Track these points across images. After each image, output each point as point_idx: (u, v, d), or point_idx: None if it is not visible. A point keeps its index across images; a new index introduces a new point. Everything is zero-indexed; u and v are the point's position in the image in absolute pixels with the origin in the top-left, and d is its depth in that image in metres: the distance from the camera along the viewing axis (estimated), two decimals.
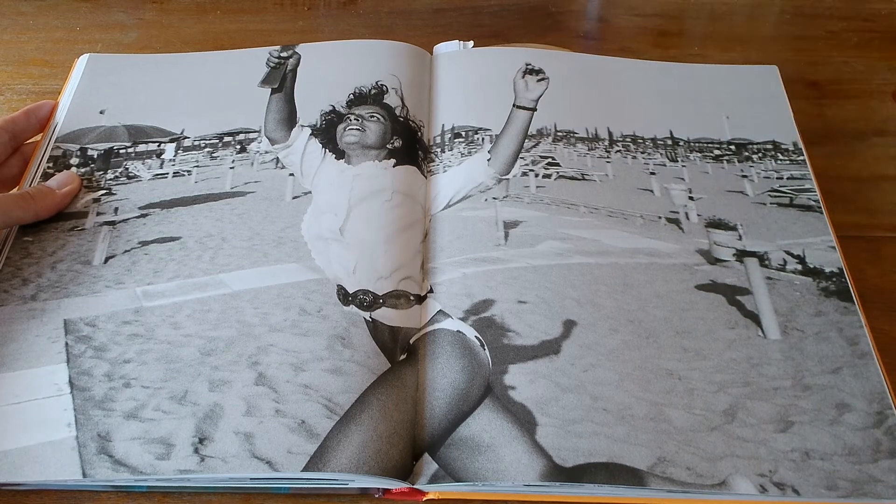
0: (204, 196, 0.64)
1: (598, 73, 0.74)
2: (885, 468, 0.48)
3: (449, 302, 0.56)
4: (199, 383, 0.50)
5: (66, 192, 0.62)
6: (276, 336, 0.53)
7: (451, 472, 0.47)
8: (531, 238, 0.60)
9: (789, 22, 0.87)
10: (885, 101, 0.77)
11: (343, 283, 0.56)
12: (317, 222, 0.60)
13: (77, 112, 0.70)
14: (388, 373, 0.52)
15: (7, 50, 0.81)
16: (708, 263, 0.59)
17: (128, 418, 0.49)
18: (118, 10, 0.86)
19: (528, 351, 0.53)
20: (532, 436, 0.49)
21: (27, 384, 0.50)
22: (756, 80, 0.74)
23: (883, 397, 0.51)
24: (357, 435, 0.48)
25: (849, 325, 0.55)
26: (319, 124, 0.67)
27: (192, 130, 0.68)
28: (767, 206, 0.64)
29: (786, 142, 0.68)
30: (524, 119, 0.68)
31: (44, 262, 0.58)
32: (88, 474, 0.46)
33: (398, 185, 0.62)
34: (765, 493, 0.46)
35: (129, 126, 0.69)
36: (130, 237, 0.60)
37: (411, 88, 0.70)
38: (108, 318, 0.54)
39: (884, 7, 0.88)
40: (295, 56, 0.72)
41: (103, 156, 0.67)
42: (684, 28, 0.87)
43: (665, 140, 0.69)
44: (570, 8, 0.89)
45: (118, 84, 0.72)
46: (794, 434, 0.49)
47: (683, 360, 0.53)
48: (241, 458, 0.46)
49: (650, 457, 0.48)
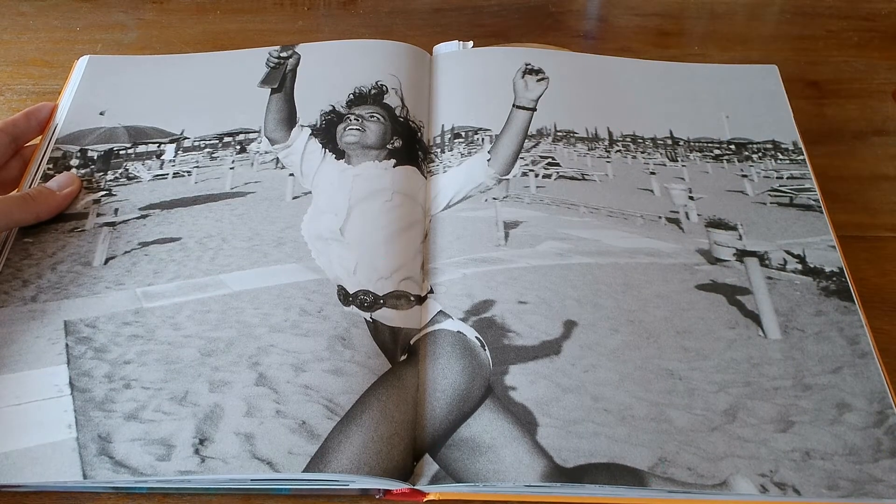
0: (204, 197, 0.63)
1: (598, 73, 0.74)
2: (886, 468, 0.47)
3: (449, 302, 0.56)
4: (200, 384, 0.50)
5: (67, 194, 0.62)
6: (277, 336, 0.53)
7: (451, 473, 0.47)
8: (531, 238, 0.60)
9: (789, 21, 0.87)
10: (886, 101, 0.77)
11: (343, 283, 0.56)
12: (317, 222, 0.60)
13: (77, 113, 0.69)
14: (389, 373, 0.52)
15: (7, 50, 0.81)
16: (708, 263, 0.59)
17: (128, 419, 0.48)
18: (118, 10, 0.86)
19: (529, 351, 0.53)
20: (533, 436, 0.49)
21: (27, 385, 0.50)
22: (756, 79, 0.74)
23: (883, 397, 0.51)
24: (358, 436, 0.48)
25: (849, 325, 0.55)
26: (319, 124, 0.67)
27: (191, 131, 0.68)
28: (767, 205, 0.64)
29: (786, 141, 0.68)
30: (524, 119, 0.68)
31: (44, 263, 0.58)
32: (89, 475, 0.46)
33: (398, 185, 0.62)
34: (766, 493, 0.46)
35: (129, 127, 0.69)
36: (130, 238, 0.60)
37: (411, 89, 0.70)
38: (108, 319, 0.54)
39: (884, 6, 0.88)
40: (295, 56, 0.72)
41: (103, 157, 0.67)
42: (684, 28, 0.87)
43: (665, 140, 0.69)
44: (570, 8, 0.89)
45: (118, 85, 0.72)
46: (795, 434, 0.49)
47: (684, 360, 0.53)
48: (241, 458, 0.46)
49: (651, 457, 0.48)
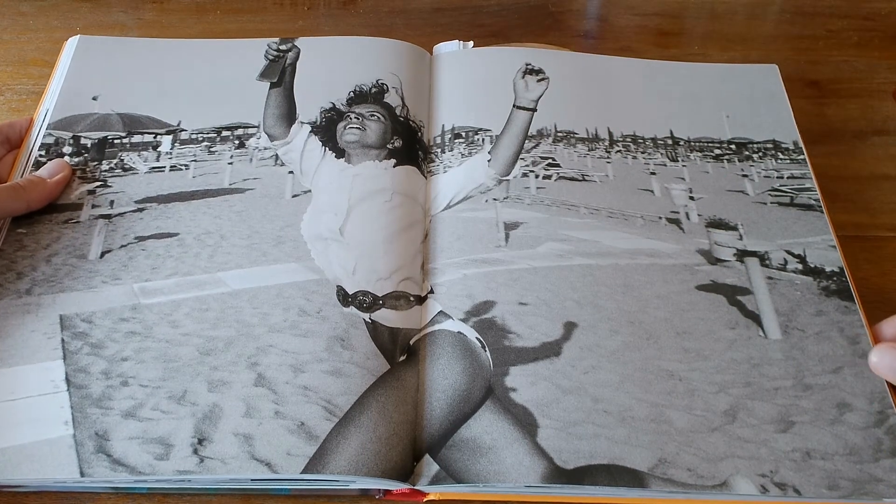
0: (202, 192, 0.63)
1: (599, 73, 0.74)
2: (887, 467, 0.47)
3: (450, 303, 0.55)
4: (198, 383, 0.50)
5: (58, 181, 0.61)
6: (276, 337, 0.53)
7: (452, 474, 0.47)
8: (532, 239, 0.60)
9: (789, 21, 0.87)
10: (886, 101, 0.77)
11: (343, 283, 0.56)
12: (316, 222, 0.60)
13: (69, 97, 0.68)
14: (388, 374, 0.51)
15: (7, 50, 0.80)
16: (708, 263, 0.59)
17: (126, 417, 0.48)
18: (118, 10, 0.86)
19: (529, 353, 0.53)
20: (533, 437, 0.48)
21: (23, 381, 0.50)
22: (756, 79, 0.74)
23: (884, 396, 0.51)
24: (356, 437, 0.47)
25: (849, 325, 0.55)
26: (319, 122, 0.66)
27: (189, 123, 0.67)
28: (768, 205, 0.64)
29: (786, 141, 0.68)
30: (524, 119, 0.68)
31: (38, 255, 0.57)
32: (86, 473, 0.45)
33: (398, 185, 0.62)
34: (766, 494, 0.46)
35: (124, 115, 0.67)
36: (127, 232, 0.59)
37: (411, 88, 0.70)
38: (104, 314, 0.54)
39: (884, 6, 0.88)
40: (294, 50, 0.71)
41: (97, 145, 0.65)
42: (684, 27, 0.87)
43: (665, 140, 0.69)
44: (570, 7, 0.89)
45: (111, 69, 0.70)
46: (795, 434, 0.49)
47: (684, 361, 0.53)
48: (240, 459, 0.46)
49: (651, 458, 0.48)
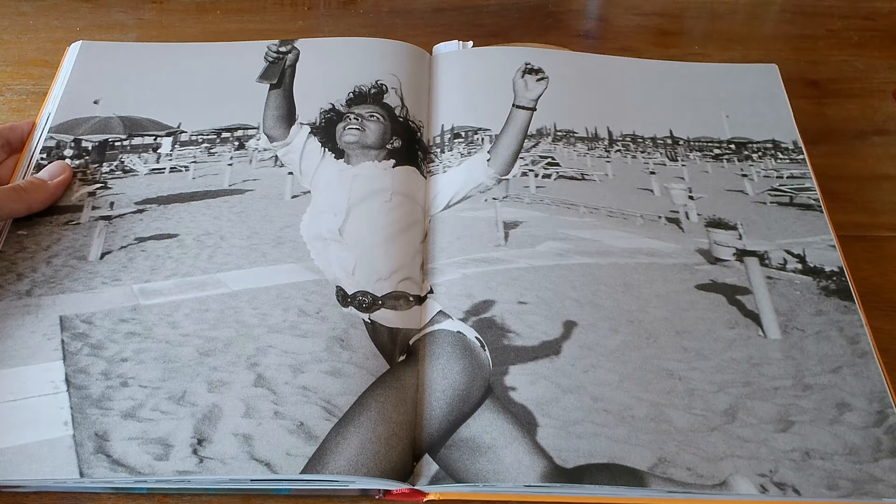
0: (202, 193, 0.63)
1: (598, 73, 0.74)
2: (886, 467, 0.47)
3: (449, 303, 0.56)
4: (198, 384, 0.50)
5: (59, 183, 0.61)
6: (275, 337, 0.53)
7: (451, 473, 0.47)
8: (531, 238, 0.60)
9: (789, 21, 0.87)
10: (886, 100, 0.77)
11: (342, 284, 0.56)
12: (316, 222, 0.60)
13: (70, 101, 0.68)
14: (387, 374, 0.51)
15: (7, 50, 0.80)
16: (708, 263, 0.59)
17: (125, 418, 0.48)
18: (118, 10, 0.86)
19: (529, 352, 0.53)
20: (533, 437, 0.48)
21: (23, 381, 0.50)
22: (756, 78, 0.74)
23: (883, 396, 0.51)
24: (355, 437, 0.47)
25: (849, 325, 0.55)
26: (319, 122, 0.67)
27: (188, 124, 0.68)
28: (767, 205, 0.64)
29: (786, 141, 0.68)
30: (524, 119, 0.68)
31: (38, 256, 0.58)
32: (86, 473, 0.46)
33: (398, 185, 0.62)
34: (765, 493, 0.46)
35: (125, 118, 0.68)
36: (127, 233, 0.59)
37: (411, 88, 0.70)
38: (104, 315, 0.54)
39: (884, 6, 0.88)
40: (294, 51, 0.72)
41: (98, 148, 0.66)
42: (684, 27, 0.87)
43: (665, 139, 0.69)
44: (570, 7, 0.89)
45: (112, 73, 0.71)
46: (795, 434, 0.49)
47: (684, 361, 0.53)
48: (239, 459, 0.46)
49: (651, 457, 0.48)
